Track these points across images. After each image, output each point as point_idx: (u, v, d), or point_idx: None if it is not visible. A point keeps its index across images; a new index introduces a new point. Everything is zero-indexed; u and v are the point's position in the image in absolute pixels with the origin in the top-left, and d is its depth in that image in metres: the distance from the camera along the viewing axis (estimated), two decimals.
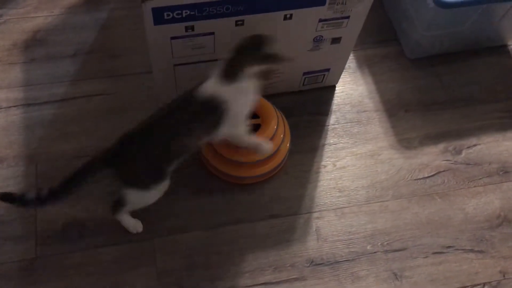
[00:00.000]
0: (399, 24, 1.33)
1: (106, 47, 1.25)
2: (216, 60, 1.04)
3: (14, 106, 1.16)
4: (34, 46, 1.24)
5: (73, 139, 1.13)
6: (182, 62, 1.02)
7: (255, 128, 1.06)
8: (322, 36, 1.05)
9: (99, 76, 1.21)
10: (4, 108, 1.16)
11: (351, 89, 1.26)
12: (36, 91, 1.18)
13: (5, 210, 1.03)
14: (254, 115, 1.08)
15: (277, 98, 1.16)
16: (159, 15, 0.89)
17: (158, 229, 1.05)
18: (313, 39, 1.05)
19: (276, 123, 1.06)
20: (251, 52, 0.89)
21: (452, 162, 1.17)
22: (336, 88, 1.25)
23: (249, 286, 1.01)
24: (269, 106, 1.08)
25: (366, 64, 1.29)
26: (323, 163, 1.15)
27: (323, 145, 1.17)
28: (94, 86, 1.20)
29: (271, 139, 1.05)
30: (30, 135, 1.12)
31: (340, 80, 1.25)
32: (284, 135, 1.09)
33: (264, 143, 1.00)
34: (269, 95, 1.14)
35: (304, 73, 1.17)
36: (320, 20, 1.00)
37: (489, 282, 1.04)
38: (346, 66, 1.22)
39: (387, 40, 1.33)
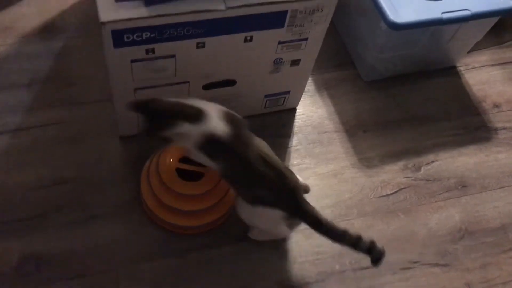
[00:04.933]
0: (354, 48, 1.37)
1: (62, 76, 1.22)
2: (177, 83, 1.04)
3: None
4: None
5: (29, 170, 1.08)
6: (143, 85, 1.01)
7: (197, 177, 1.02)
8: (281, 59, 1.07)
9: (55, 105, 1.18)
10: None
11: (311, 111, 1.28)
12: None
13: None
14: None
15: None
16: (119, 38, 0.88)
17: (122, 258, 1.01)
18: (274, 61, 1.07)
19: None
20: None
21: (412, 178, 1.20)
22: (297, 111, 1.27)
23: None
24: None
25: (324, 87, 1.32)
26: None
27: (287, 166, 1.17)
28: (50, 115, 1.16)
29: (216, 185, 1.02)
30: None
31: (300, 102, 1.26)
32: None
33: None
34: None
35: (266, 96, 1.18)
36: (280, 42, 1.02)
37: None
38: (306, 89, 1.24)
39: (343, 64, 1.37)
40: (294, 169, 1.16)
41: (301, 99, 1.26)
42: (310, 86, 1.31)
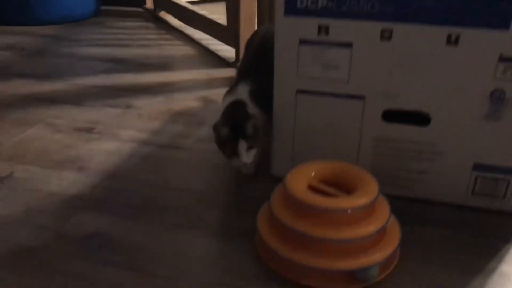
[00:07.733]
0: None
1: None
2: (348, 96, 0.82)
3: None
4: None
5: (170, 174, 0.95)
6: (307, 88, 0.83)
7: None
8: (503, 92, 0.75)
9: None
10: None
11: None
12: None
13: None
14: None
15: (427, 207, 0.84)
16: (292, 1, 0.78)
17: (195, 275, 0.71)
18: (491, 94, 0.76)
19: (375, 196, 0.70)
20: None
21: None
22: None
23: None
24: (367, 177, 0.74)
25: None
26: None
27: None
28: None
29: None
30: None
31: None
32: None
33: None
34: (415, 200, 0.84)
35: (475, 167, 0.81)
36: (502, 59, 0.73)
37: None
38: None
39: None
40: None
41: None
42: None
